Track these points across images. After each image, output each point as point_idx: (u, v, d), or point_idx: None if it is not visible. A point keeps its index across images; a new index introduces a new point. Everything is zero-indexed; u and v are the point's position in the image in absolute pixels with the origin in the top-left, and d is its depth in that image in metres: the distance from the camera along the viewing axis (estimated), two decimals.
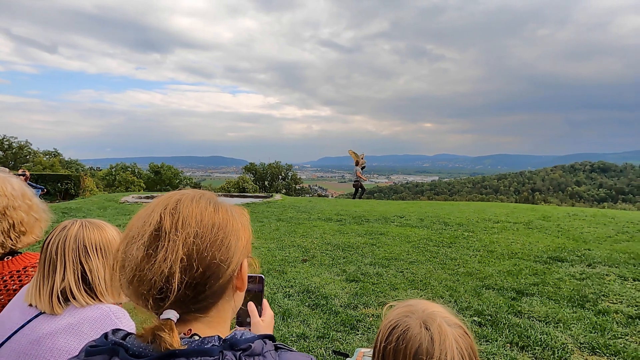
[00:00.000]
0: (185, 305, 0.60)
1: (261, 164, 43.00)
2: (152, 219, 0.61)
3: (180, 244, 0.59)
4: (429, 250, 5.62)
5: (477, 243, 6.03)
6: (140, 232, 0.61)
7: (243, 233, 0.68)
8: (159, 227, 0.60)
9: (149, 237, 0.60)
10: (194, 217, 0.61)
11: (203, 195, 0.68)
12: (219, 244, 0.62)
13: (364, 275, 4.50)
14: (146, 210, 0.65)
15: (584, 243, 5.94)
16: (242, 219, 0.70)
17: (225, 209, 0.67)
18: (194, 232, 0.60)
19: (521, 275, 4.44)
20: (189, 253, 0.59)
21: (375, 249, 5.69)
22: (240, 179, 36.21)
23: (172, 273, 0.57)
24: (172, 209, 0.62)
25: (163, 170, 38.90)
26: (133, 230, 0.62)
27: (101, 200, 11.26)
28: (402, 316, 0.79)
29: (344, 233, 6.82)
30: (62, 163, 36.31)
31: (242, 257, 0.67)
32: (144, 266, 0.58)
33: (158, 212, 0.62)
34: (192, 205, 0.63)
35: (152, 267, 0.58)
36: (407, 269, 4.75)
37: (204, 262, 0.60)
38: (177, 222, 0.60)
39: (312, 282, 4.27)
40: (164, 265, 0.57)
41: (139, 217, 0.64)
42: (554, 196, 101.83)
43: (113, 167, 37.13)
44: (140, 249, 0.59)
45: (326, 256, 5.33)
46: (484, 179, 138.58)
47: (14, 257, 1.24)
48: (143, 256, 0.59)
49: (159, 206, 0.63)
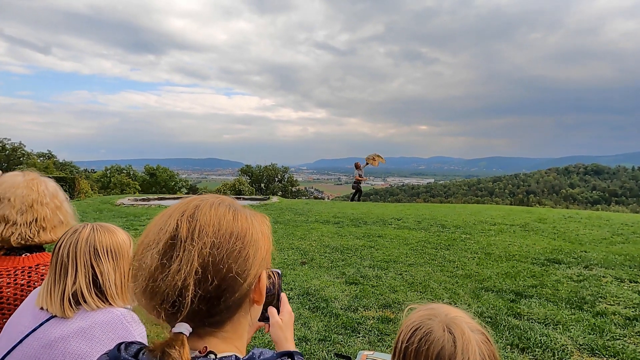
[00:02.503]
0: (199, 319, 0.57)
1: (257, 166, 42.97)
2: (169, 226, 0.58)
3: (195, 254, 0.55)
4: (427, 253, 5.64)
5: (475, 245, 6.06)
6: (155, 240, 0.58)
7: (263, 243, 0.64)
8: (175, 235, 0.57)
9: (164, 246, 0.57)
10: (211, 226, 0.58)
11: (223, 202, 0.64)
12: (237, 255, 0.58)
13: (364, 278, 4.50)
14: (163, 215, 0.61)
15: (580, 245, 6.00)
16: (262, 228, 0.66)
17: (245, 216, 0.63)
18: (210, 242, 0.57)
19: (519, 277, 4.47)
20: (204, 264, 0.55)
21: (374, 252, 5.70)
22: (236, 182, 36.13)
23: (186, 286, 0.54)
24: (189, 216, 0.59)
25: (158, 173, 38.70)
26: (149, 236, 0.59)
27: (96, 203, 11.17)
28: (425, 318, 0.79)
29: (342, 235, 6.83)
30: (56, 165, 35.98)
31: (261, 269, 0.63)
32: (157, 276, 0.56)
33: (175, 218, 0.59)
34: (210, 212, 0.60)
35: (165, 278, 0.55)
36: (406, 272, 4.76)
37: (219, 275, 0.56)
38: (194, 230, 0.57)
39: (312, 284, 4.26)
40: (178, 276, 0.54)
41: (156, 222, 0.61)
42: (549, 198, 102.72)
43: (108, 169, 36.90)
44: (155, 257, 0.56)
45: (325, 259, 5.33)
46: (480, 181, 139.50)
47: (31, 255, 1.28)
48: (157, 265, 0.56)
49: (177, 212, 0.60)
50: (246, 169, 42.66)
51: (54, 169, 33.32)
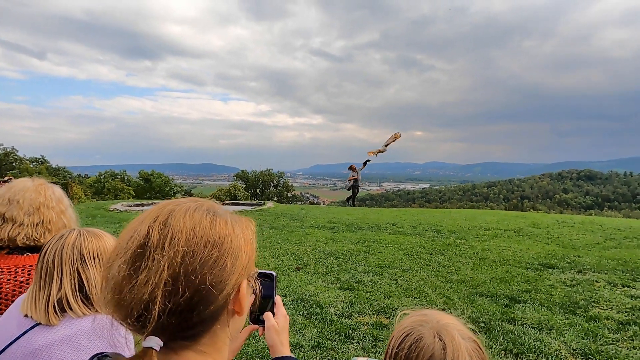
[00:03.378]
0: (170, 333, 0.53)
1: (253, 171, 42.88)
2: (139, 233, 0.54)
3: (165, 264, 0.51)
4: (422, 258, 5.64)
5: (470, 250, 6.07)
6: (125, 247, 0.54)
7: (244, 249, 0.59)
8: (144, 243, 0.53)
9: (132, 255, 0.52)
10: (184, 233, 0.54)
11: (200, 206, 0.59)
12: (212, 265, 0.54)
13: (358, 284, 4.48)
14: (136, 221, 0.57)
15: (573, 250, 6.03)
16: (245, 233, 0.61)
17: (224, 221, 0.59)
18: (182, 251, 0.52)
19: (513, 282, 4.48)
20: (175, 275, 0.51)
21: (369, 257, 5.69)
22: (231, 187, 36.00)
23: (153, 298, 0.50)
24: (162, 222, 0.55)
25: (153, 178, 38.47)
26: (121, 243, 0.55)
27: (89, 208, 11.06)
28: (416, 324, 0.78)
29: (337, 241, 6.81)
30: (49, 170, 35.62)
31: (241, 278, 0.59)
32: (123, 287, 0.52)
33: (147, 224, 0.55)
34: (184, 218, 0.55)
35: (131, 290, 0.51)
36: (400, 277, 4.75)
37: (192, 286, 0.52)
38: (165, 237, 0.53)
39: (306, 290, 4.24)
40: (145, 288, 0.50)
41: (128, 229, 0.57)
42: (543, 203, 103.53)
43: (102, 174, 36.61)
44: (122, 267, 0.52)
45: (320, 264, 5.31)
46: (474, 187, 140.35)
47: (32, 255, 1.32)
48: (124, 276, 0.52)
49: (150, 217, 0.56)
50: (242, 174, 42.55)
51: (47, 174, 32.98)
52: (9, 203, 1.29)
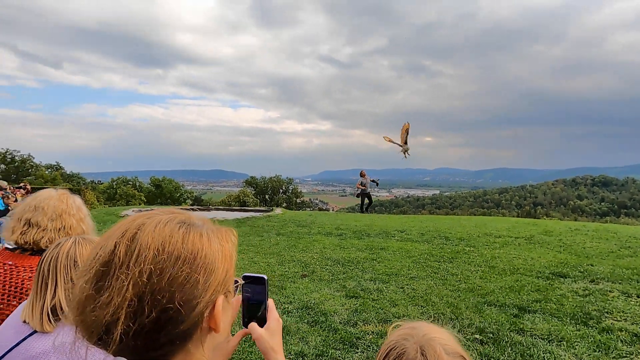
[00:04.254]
0: (138, 353, 0.50)
1: (262, 177, 43.10)
2: (105, 250, 0.51)
3: (130, 283, 0.48)
4: (430, 266, 5.57)
5: (479, 258, 5.97)
6: (89, 265, 0.51)
7: (221, 264, 0.55)
8: (109, 261, 0.50)
9: (96, 273, 0.50)
10: (152, 249, 0.50)
11: (173, 219, 0.55)
12: (182, 282, 0.50)
13: (364, 291, 4.44)
14: (105, 235, 0.54)
15: (586, 258, 5.88)
16: (224, 246, 0.58)
17: (199, 234, 0.55)
18: (148, 269, 0.49)
19: (523, 292, 4.38)
20: (140, 294, 0.48)
21: (376, 264, 5.64)
22: (241, 193, 36.22)
23: (116, 320, 0.47)
24: (130, 238, 0.51)
25: (164, 184, 38.98)
26: (87, 260, 0.53)
27: (101, 214, 11.24)
28: (401, 338, 0.77)
29: (344, 248, 6.78)
30: (63, 176, 36.43)
31: (217, 294, 0.55)
32: (85, 307, 0.49)
33: (114, 239, 0.51)
34: (154, 233, 0.52)
35: (93, 311, 0.48)
36: (407, 285, 4.69)
37: (158, 306, 0.49)
38: (132, 254, 0.50)
39: (312, 298, 4.22)
40: (107, 309, 0.48)
41: (97, 243, 0.54)
42: (556, 210, 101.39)
43: (114, 180, 37.23)
44: (84, 287, 0.50)
45: (326, 271, 5.29)
46: (486, 193, 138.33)
47: None
48: (87, 296, 0.49)
49: (118, 232, 0.53)
50: (251, 180, 42.81)
51: (61, 180, 33.72)
52: (35, 210, 1.41)
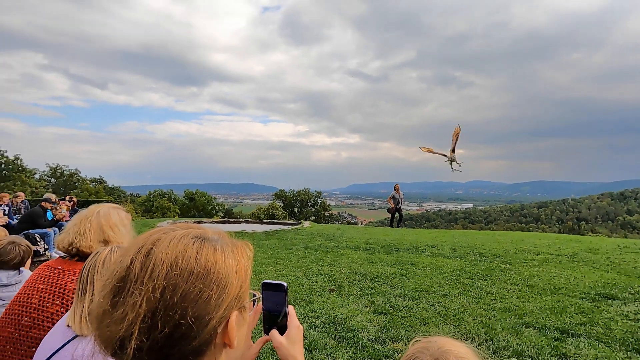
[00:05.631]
0: None
1: (291, 190, 43.52)
2: (122, 265, 0.53)
3: (144, 299, 0.49)
4: (463, 283, 5.35)
5: (516, 276, 5.67)
6: (108, 279, 0.53)
7: (235, 279, 0.56)
8: (125, 276, 0.51)
9: (112, 289, 0.51)
10: (166, 265, 0.51)
11: (188, 234, 0.56)
12: (194, 298, 0.51)
13: (393, 308, 4.33)
14: (124, 250, 0.56)
15: (637, 279, 5.42)
16: (238, 260, 0.58)
17: (213, 249, 0.56)
18: (162, 285, 0.50)
19: (566, 314, 4.10)
20: (153, 310, 0.49)
21: (405, 280, 5.50)
22: (270, 206, 36.71)
23: (129, 335, 0.48)
24: (145, 253, 0.53)
25: (197, 197, 40.26)
26: (106, 274, 0.54)
27: (139, 226, 11.79)
28: (417, 351, 0.78)
29: (373, 262, 6.67)
30: (106, 190, 38.71)
31: (230, 310, 0.55)
32: (101, 321, 0.50)
33: (130, 255, 0.53)
34: (168, 249, 0.53)
35: (108, 326, 0.49)
36: (438, 303, 4.53)
37: (171, 322, 0.49)
38: (146, 269, 0.51)
39: (339, 313, 4.17)
40: (121, 325, 0.48)
41: (116, 259, 0.56)
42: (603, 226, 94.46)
43: (151, 193, 38.95)
44: (102, 302, 0.51)
45: (354, 286, 5.21)
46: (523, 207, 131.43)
47: None
48: (105, 310, 0.51)
49: (134, 247, 0.54)
50: (280, 193, 43.32)
51: (104, 193, 35.82)
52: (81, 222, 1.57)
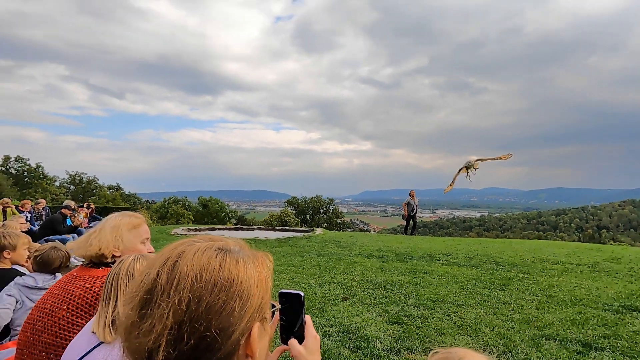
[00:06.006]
0: None
1: (303, 197, 43.61)
2: (149, 276, 0.54)
3: (170, 311, 0.50)
4: (479, 293, 5.24)
5: (534, 286, 5.52)
6: (135, 291, 0.54)
7: (256, 291, 0.57)
8: (152, 289, 0.53)
9: (140, 301, 0.53)
10: (191, 277, 0.52)
11: (211, 247, 0.58)
12: (218, 310, 0.52)
13: (408, 317, 4.27)
14: (150, 262, 0.58)
15: None
16: (259, 272, 0.59)
17: (235, 260, 0.57)
18: (187, 297, 0.51)
19: (588, 326, 3.96)
20: (179, 322, 0.50)
21: (420, 289, 5.42)
22: (282, 213, 36.84)
23: (157, 347, 0.49)
24: (170, 266, 0.54)
25: (211, 204, 40.74)
26: (133, 286, 0.56)
27: (154, 232, 11.97)
28: None
29: (386, 271, 6.60)
30: (122, 197, 39.58)
31: (252, 322, 0.56)
32: (130, 333, 0.52)
33: (157, 267, 0.55)
34: (193, 261, 0.54)
35: (137, 337, 0.51)
36: (454, 313, 4.44)
37: (196, 333, 0.50)
38: (172, 282, 0.52)
39: (353, 322, 4.13)
40: (149, 336, 0.50)
41: (142, 271, 0.58)
42: (625, 234, 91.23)
43: (166, 200, 39.61)
44: (129, 314, 0.53)
45: (367, 295, 5.17)
46: (540, 215, 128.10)
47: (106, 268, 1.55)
48: (133, 322, 0.52)
49: (160, 260, 0.56)
50: (292, 200, 43.46)
51: (120, 200, 36.61)
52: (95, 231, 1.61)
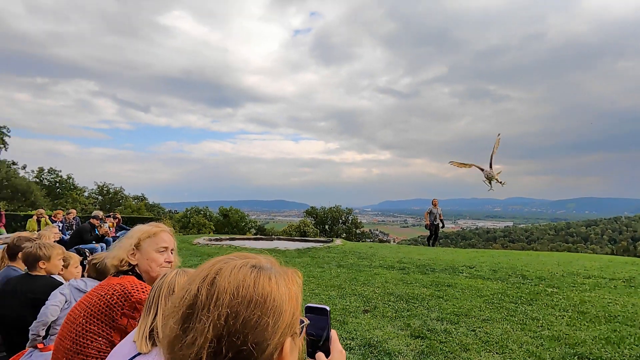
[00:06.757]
0: None
1: (322, 207, 43.55)
2: (190, 292, 0.58)
3: (210, 325, 0.54)
4: (505, 307, 5.06)
5: (564, 301, 5.29)
6: (177, 305, 0.58)
7: (288, 307, 0.60)
8: (193, 304, 0.56)
9: (182, 315, 0.56)
10: (229, 293, 0.56)
11: (246, 264, 0.62)
12: (254, 325, 0.55)
13: (431, 332, 4.17)
14: (190, 278, 0.62)
15: None
16: (290, 288, 0.62)
17: (268, 277, 0.60)
18: (225, 312, 0.54)
19: (624, 345, 3.75)
20: (219, 336, 0.53)
21: (442, 302, 5.29)
22: (301, 223, 36.87)
23: (199, 359, 0.53)
24: (209, 282, 0.58)
25: (231, 214, 41.26)
26: (175, 300, 0.60)
27: (177, 242, 12.24)
28: None
29: (408, 283, 6.48)
30: (147, 207, 40.76)
31: (284, 337, 0.59)
32: (174, 345, 0.55)
33: (197, 283, 0.59)
34: (230, 278, 0.58)
35: (180, 349, 0.54)
36: (479, 328, 4.31)
37: (234, 347, 0.53)
38: (211, 297, 0.56)
39: (374, 335, 4.07)
40: (192, 349, 0.53)
41: (182, 286, 0.62)
42: None
43: (188, 210, 40.44)
44: (173, 328, 0.56)
45: (388, 307, 5.09)
46: (569, 225, 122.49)
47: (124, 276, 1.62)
48: (177, 335, 0.56)
49: (200, 276, 0.60)
50: (311, 210, 43.47)
51: (145, 210, 37.70)
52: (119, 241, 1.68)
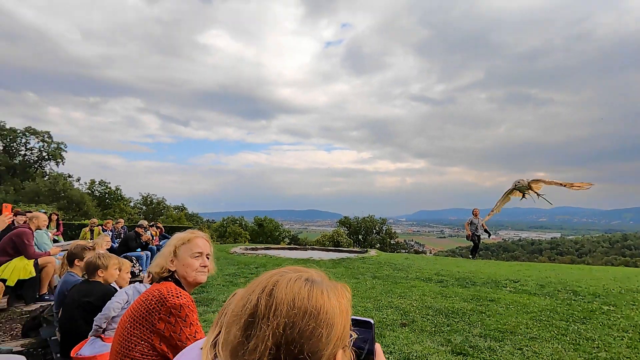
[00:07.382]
0: None
1: (355, 217, 43.21)
2: (250, 302, 0.62)
3: (270, 334, 0.57)
4: (555, 325, 4.74)
5: (623, 321, 4.86)
6: (239, 314, 0.62)
7: (339, 319, 0.63)
8: (254, 312, 0.60)
9: (245, 323, 0.60)
10: (286, 304, 0.60)
11: (300, 277, 0.65)
12: (309, 335, 0.58)
13: (473, 349, 3.99)
14: (248, 289, 0.66)
15: None
16: (340, 302, 0.65)
17: (320, 291, 0.64)
18: (283, 322, 0.58)
19: None
20: (277, 344, 0.57)
21: (485, 318, 5.05)
22: (334, 233, 36.76)
23: None
24: (268, 293, 0.62)
25: (265, 223, 42.02)
26: (236, 309, 0.64)
27: (214, 251, 12.64)
28: None
29: (447, 296, 6.25)
30: (186, 216, 42.56)
31: (336, 348, 0.62)
32: (237, 352, 0.59)
33: (257, 294, 0.63)
34: (286, 289, 0.62)
35: (243, 355, 0.58)
36: (527, 347, 4.06)
37: (291, 355, 0.57)
38: (270, 307, 0.59)
39: (413, 350, 3.96)
40: (254, 355, 0.57)
41: (242, 296, 0.66)
42: None
43: (225, 220, 41.69)
44: (237, 333, 0.60)
45: (427, 322, 4.93)
46: (626, 237, 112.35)
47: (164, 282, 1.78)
48: (240, 341, 0.60)
49: (259, 287, 0.64)
50: (344, 220, 43.26)
51: (185, 219, 39.36)
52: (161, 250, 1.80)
